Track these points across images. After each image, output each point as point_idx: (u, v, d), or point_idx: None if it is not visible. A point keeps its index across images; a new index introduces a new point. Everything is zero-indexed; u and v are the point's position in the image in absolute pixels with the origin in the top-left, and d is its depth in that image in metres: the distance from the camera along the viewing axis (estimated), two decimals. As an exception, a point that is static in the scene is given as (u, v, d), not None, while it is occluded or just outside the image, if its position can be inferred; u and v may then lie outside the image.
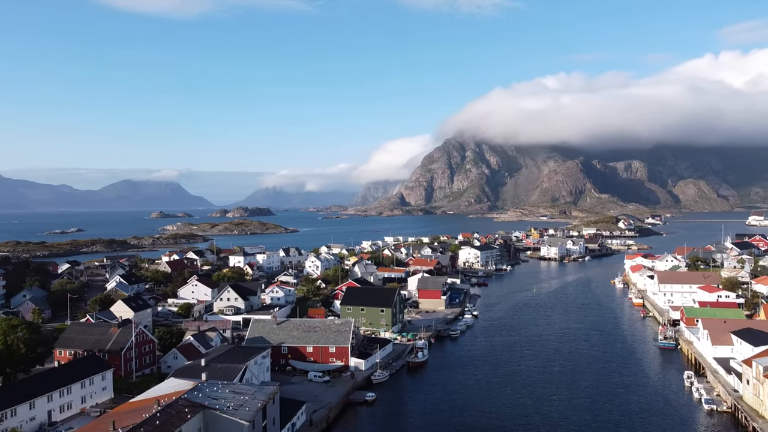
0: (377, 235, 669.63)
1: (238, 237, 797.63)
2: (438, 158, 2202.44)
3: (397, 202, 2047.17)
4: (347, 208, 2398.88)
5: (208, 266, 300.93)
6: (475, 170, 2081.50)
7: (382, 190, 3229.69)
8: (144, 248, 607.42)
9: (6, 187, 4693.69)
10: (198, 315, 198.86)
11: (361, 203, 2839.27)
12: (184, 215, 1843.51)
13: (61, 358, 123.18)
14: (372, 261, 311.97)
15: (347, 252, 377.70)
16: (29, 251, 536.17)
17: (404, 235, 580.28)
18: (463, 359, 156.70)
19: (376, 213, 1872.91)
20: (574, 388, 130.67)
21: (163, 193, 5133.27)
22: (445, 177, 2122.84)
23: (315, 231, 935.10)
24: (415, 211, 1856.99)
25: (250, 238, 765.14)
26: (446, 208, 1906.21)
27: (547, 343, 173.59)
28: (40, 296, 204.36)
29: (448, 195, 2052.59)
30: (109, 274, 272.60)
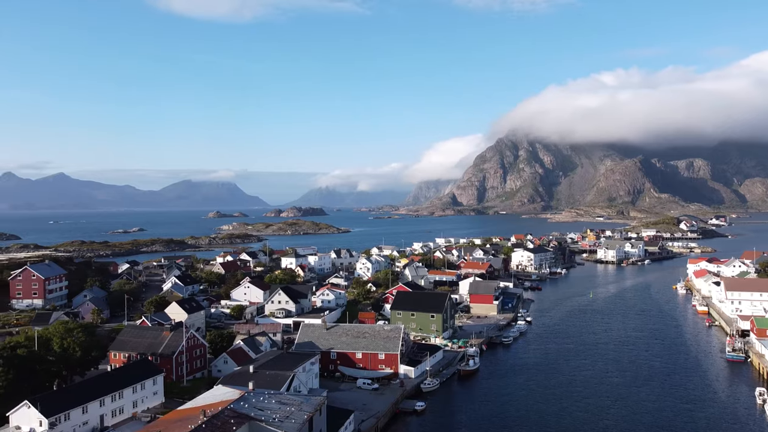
0: (428, 235, 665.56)
1: (292, 237, 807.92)
2: (490, 157, 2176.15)
3: (449, 202, 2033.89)
4: (399, 208, 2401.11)
5: (260, 267, 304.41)
6: (528, 169, 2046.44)
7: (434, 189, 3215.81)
8: (201, 248, 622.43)
9: (74, 187, 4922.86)
10: (250, 317, 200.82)
11: (413, 203, 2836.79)
12: (240, 215, 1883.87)
13: (116, 361, 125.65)
14: (423, 263, 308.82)
15: (398, 254, 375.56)
16: (93, 251, 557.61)
17: (455, 236, 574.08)
18: (515, 367, 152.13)
19: (427, 213, 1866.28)
20: (634, 401, 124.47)
21: (221, 193, 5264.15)
22: (497, 176, 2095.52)
23: (366, 231, 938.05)
24: (466, 211, 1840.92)
25: (303, 238, 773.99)
26: (498, 208, 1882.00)
27: (605, 351, 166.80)
28: (99, 296, 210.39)
29: (500, 195, 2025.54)
30: (166, 275, 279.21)
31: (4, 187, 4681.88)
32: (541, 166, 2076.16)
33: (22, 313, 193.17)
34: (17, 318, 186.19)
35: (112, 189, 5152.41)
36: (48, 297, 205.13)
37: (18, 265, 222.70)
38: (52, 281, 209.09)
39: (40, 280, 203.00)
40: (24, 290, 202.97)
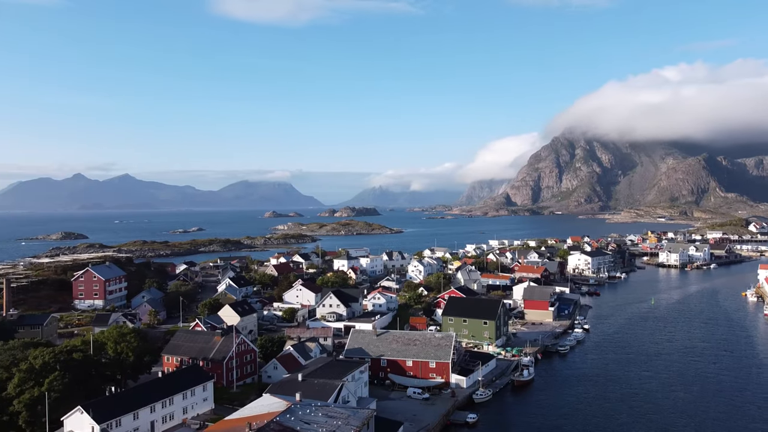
0: (482, 237, 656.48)
1: (345, 237, 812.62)
2: (546, 157, 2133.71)
3: (503, 202, 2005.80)
4: (452, 208, 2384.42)
5: (313, 269, 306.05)
6: (585, 168, 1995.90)
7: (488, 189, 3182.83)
8: (256, 248, 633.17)
9: (139, 188, 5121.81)
10: (301, 320, 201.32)
11: (466, 203, 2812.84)
12: (295, 215, 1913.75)
13: (169, 365, 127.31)
14: (475, 266, 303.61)
15: (450, 256, 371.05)
16: (154, 250, 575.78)
17: (509, 237, 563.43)
18: (572, 378, 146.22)
19: (481, 213, 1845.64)
20: (701, 419, 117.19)
21: (277, 193, 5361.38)
22: (553, 176, 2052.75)
23: (419, 232, 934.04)
24: (521, 212, 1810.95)
25: (356, 238, 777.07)
26: (554, 208, 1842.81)
27: (669, 363, 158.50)
28: (157, 298, 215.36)
29: (556, 195, 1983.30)
30: (221, 276, 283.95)
31: (74, 187, 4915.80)
32: (599, 164, 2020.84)
33: (83, 313, 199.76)
34: (79, 318, 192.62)
35: (174, 189, 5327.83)
36: (108, 298, 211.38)
37: (81, 266, 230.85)
38: (112, 282, 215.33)
39: (100, 281, 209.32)
40: (86, 291, 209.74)
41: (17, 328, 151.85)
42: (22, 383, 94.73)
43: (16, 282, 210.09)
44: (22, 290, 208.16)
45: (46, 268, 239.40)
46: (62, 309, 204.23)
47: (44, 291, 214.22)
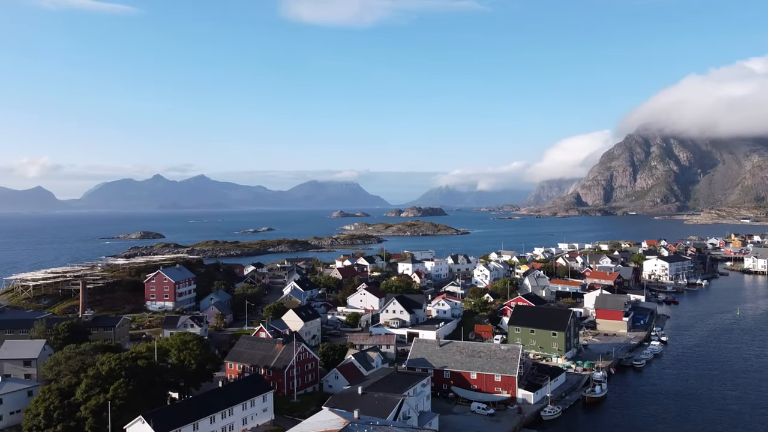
0: (550, 239, 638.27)
1: (411, 238, 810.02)
2: (619, 155, 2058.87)
3: (573, 202, 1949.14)
4: (519, 208, 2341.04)
5: (377, 272, 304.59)
6: (661, 167, 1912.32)
7: (557, 189, 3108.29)
8: (323, 248, 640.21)
9: (213, 188, 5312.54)
10: (364, 325, 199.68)
11: (534, 203, 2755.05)
12: (362, 214, 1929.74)
13: (231, 371, 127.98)
14: (544, 271, 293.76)
15: (518, 259, 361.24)
16: (225, 250, 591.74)
17: (580, 240, 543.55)
18: (648, 396, 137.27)
19: (549, 213, 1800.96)
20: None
21: (344, 193, 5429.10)
22: (626, 175, 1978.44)
23: (486, 233, 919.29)
24: (592, 212, 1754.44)
25: (422, 239, 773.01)
26: (627, 208, 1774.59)
27: (757, 382, 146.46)
28: (224, 300, 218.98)
29: (629, 194, 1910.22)
30: (287, 278, 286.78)
31: (153, 188, 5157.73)
32: (676, 163, 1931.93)
33: (154, 314, 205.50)
34: (150, 319, 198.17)
35: (246, 189, 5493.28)
36: (178, 300, 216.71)
37: (153, 267, 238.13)
38: (181, 285, 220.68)
39: (170, 283, 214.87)
40: (157, 293, 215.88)
41: (91, 330, 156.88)
42: (89, 389, 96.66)
43: (92, 283, 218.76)
44: (99, 291, 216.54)
45: (121, 269, 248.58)
46: (135, 310, 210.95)
47: (119, 292, 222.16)
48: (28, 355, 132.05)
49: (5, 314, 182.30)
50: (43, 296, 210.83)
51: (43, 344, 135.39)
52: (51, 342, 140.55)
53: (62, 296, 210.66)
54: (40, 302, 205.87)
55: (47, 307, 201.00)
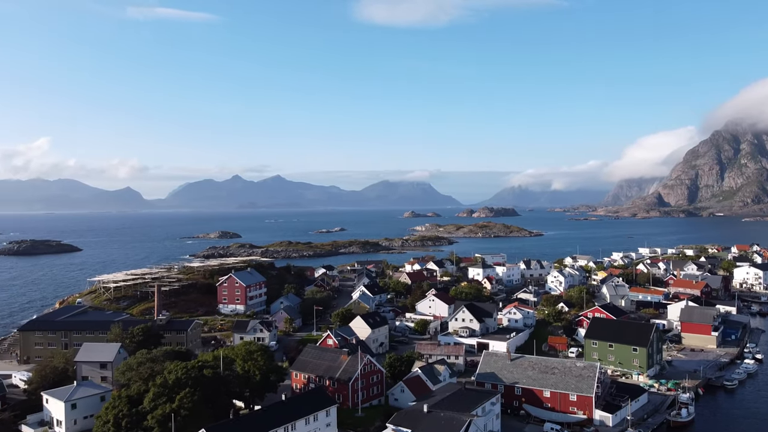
0: (630, 242, 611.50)
1: (482, 240, 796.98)
2: (704, 153, 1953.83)
3: (654, 203, 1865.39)
4: (596, 208, 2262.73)
5: (447, 277, 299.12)
6: (752, 165, 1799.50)
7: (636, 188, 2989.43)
8: (393, 250, 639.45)
9: (289, 188, 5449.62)
10: (433, 333, 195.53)
11: (612, 203, 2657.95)
12: (433, 215, 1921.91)
13: (297, 381, 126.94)
14: (622, 277, 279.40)
15: (594, 265, 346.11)
16: (298, 251, 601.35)
17: (662, 245, 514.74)
18: (741, 420, 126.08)
19: (628, 214, 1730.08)
20: None
21: (416, 193, 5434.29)
22: (713, 174, 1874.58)
23: (560, 235, 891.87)
24: (675, 213, 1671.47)
25: (493, 241, 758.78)
26: (714, 209, 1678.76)
27: None
28: (294, 304, 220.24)
29: (716, 194, 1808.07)
30: (357, 281, 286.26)
31: (232, 188, 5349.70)
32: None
33: (226, 317, 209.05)
34: (221, 323, 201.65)
35: (320, 189, 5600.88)
36: (249, 303, 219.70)
37: (226, 270, 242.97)
38: (252, 288, 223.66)
39: (242, 287, 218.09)
40: (228, 296, 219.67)
41: (164, 333, 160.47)
42: (156, 398, 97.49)
43: (168, 286, 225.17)
44: (174, 293, 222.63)
45: (196, 271, 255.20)
46: (208, 312, 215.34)
47: (193, 294, 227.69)
48: (104, 358, 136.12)
49: (87, 315, 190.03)
50: (122, 297, 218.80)
51: (118, 347, 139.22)
52: (126, 345, 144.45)
53: (140, 298, 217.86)
54: (120, 303, 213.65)
55: (126, 309, 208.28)
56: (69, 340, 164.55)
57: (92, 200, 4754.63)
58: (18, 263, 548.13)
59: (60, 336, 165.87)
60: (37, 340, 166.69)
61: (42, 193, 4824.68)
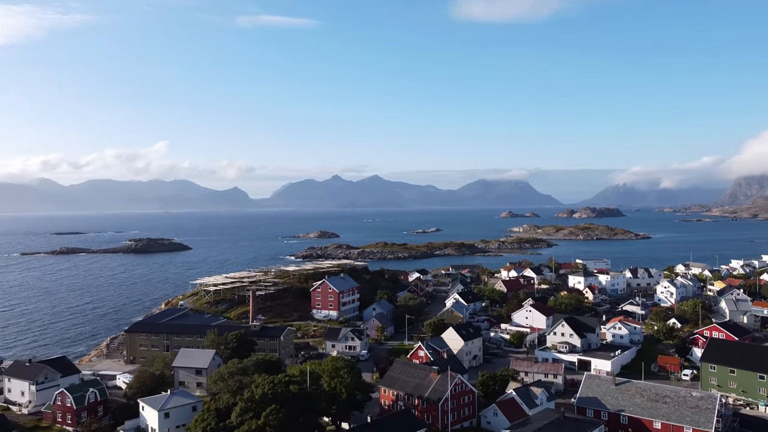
0: (752, 247, 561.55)
1: (583, 243, 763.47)
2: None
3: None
4: (711, 209, 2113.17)
5: (545, 285, 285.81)
6: None
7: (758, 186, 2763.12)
8: (489, 252, 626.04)
9: (386, 188, 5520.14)
10: (529, 346, 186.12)
11: (729, 202, 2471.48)
12: (532, 215, 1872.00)
13: (385, 397, 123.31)
14: (744, 289, 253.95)
15: (710, 274, 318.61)
16: (393, 252, 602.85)
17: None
18: None
19: (749, 215, 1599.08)
20: None
21: (513, 192, 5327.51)
22: None
23: (670, 238, 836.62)
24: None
25: (595, 244, 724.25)
26: None
27: None
28: (386, 311, 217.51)
29: None
30: (451, 287, 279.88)
31: (332, 188, 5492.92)
32: None
33: (319, 323, 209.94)
34: (314, 329, 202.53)
35: (416, 189, 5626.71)
36: (342, 309, 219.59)
37: (320, 275, 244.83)
38: (345, 294, 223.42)
39: (335, 293, 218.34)
40: (322, 301, 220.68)
41: (257, 340, 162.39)
42: (243, 413, 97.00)
43: (264, 290, 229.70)
44: (270, 297, 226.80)
45: (291, 275, 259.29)
46: (302, 317, 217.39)
47: (288, 299, 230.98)
48: (199, 365, 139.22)
49: (187, 318, 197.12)
50: (221, 300, 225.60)
51: (213, 354, 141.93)
52: (220, 351, 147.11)
53: (237, 301, 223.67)
54: (219, 307, 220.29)
55: (224, 312, 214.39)
56: (170, 343, 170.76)
57: (203, 199, 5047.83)
58: (135, 261, 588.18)
59: (162, 338, 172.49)
60: (142, 341, 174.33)
61: (159, 193, 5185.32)
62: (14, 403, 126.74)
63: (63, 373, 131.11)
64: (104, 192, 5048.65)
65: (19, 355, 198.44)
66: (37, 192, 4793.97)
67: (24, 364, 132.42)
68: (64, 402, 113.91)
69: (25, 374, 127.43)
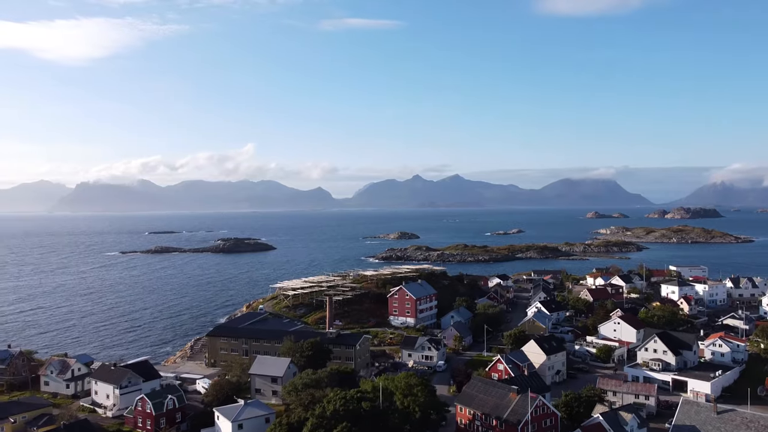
0: None
1: (676, 247, 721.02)
2: None
3: None
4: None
5: (635, 294, 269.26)
6: None
7: None
8: (574, 256, 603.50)
9: (468, 187, 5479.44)
10: (617, 361, 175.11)
11: None
12: (620, 215, 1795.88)
13: (461, 415, 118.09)
14: None
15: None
16: (473, 255, 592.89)
17: None
18: None
19: None
20: None
21: (600, 191, 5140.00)
22: None
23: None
24: None
25: (690, 248, 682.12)
26: None
27: None
28: (465, 319, 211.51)
29: None
30: (533, 294, 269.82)
31: (413, 188, 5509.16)
32: None
33: (396, 330, 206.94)
34: (391, 336, 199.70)
35: (498, 188, 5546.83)
36: (419, 316, 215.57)
37: (398, 280, 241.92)
38: (423, 301, 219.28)
39: (412, 300, 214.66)
40: (399, 308, 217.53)
41: (333, 348, 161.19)
42: (314, 429, 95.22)
43: (342, 295, 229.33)
44: (347, 302, 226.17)
45: (369, 280, 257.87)
46: (379, 324, 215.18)
47: (366, 304, 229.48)
48: (275, 373, 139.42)
49: (266, 323, 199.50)
50: (300, 305, 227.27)
51: (288, 362, 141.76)
52: (296, 359, 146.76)
53: (315, 306, 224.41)
54: (297, 311, 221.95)
55: (302, 317, 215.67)
56: (249, 348, 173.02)
57: (288, 199, 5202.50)
58: (224, 261, 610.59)
59: (241, 343, 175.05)
60: (222, 345, 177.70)
61: (247, 193, 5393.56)
62: (100, 405, 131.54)
63: (145, 378, 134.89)
64: (197, 192, 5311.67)
65: (112, 355, 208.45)
66: (137, 192, 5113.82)
67: (109, 368, 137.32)
68: (144, 408, 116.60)
69: (110, 378, 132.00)
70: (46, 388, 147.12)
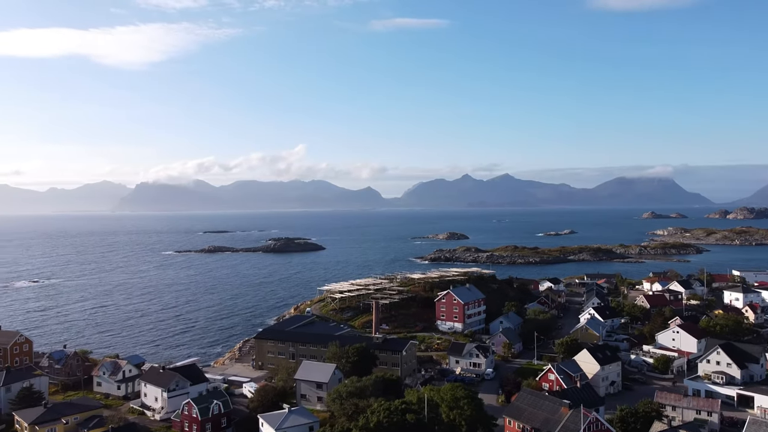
0: None
1: (740, 249, 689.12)
2: None
3: None
4: None
5: (695, 301, 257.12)
6: None
7: None
8: (629, 258, 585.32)
9: (517, 187, 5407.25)
10: (676, 372, 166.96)
11: None
12: (678, 215, 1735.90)
13: (510, 429, 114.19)
14: None
15: None
16: (523, 257, 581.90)
17: None
18: None
19: None
20: None
21: (656, 191, 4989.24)
22: None
23: None
24: None
25: (756, 251, 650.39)
26: None
27: None
28: (514, 325, 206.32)
29: None
30: (586, 299, 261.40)
31: (462, 187, 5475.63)
32: None
33: (443, 336, 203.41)
34: (438, 341, 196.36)
35: (549, 188, 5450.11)
36: (467, 321, 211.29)
37: (446, 284, 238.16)
38: (471, 306, 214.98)
39: (460, 304, 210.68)
40: (446, 313, 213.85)
41: (379, 353, 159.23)
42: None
43: (389, 298, 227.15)
44: (394, 306, 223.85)
45: (416, 283, 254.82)
46: (426, 328, 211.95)
47: (413, 308, 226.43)
48: (320, 379, 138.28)
49: (313, 327, 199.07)
50: (347, 308, 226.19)
51: (333, 368, 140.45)
52: (341, 365, 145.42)
53: (362, 309, 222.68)
54: (344, 314, 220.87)
55: (349, 320, 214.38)
56: (295, 351, 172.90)
57: (338, 199, 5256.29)
58: (274, 260, 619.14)
59: (288, 346, 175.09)
60: (269, 348, 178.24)
61: (299, 193, 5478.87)
62: (149, 407, 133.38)
63: (192, 381, 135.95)
64: (250, 192, 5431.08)
65: (165, 355, 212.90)
66: (193, 192, 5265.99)
67: (158, 371, 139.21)
68: (191, 412, 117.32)
69: (159, 381, 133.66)
70: (98, 388, 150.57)
